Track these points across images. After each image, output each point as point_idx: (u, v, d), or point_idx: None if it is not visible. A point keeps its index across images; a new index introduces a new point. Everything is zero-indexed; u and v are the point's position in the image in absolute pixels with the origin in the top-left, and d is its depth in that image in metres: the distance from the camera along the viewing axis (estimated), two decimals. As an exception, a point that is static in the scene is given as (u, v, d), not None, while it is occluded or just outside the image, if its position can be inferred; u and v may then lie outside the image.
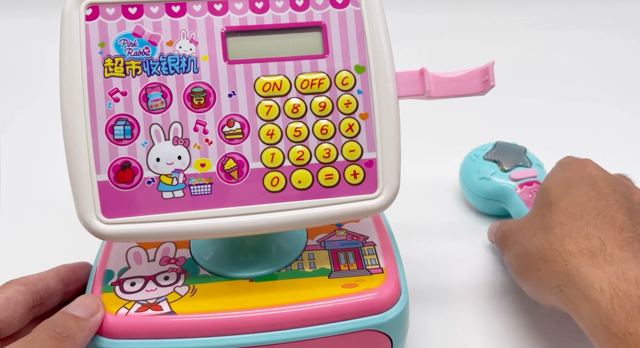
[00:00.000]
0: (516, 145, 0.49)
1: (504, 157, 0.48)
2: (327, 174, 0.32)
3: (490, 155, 0.48)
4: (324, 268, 0.34)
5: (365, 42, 0.32)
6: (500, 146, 0.49)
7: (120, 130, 0.30)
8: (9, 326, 0.30)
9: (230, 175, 0.31)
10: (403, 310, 0.33)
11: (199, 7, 0.31)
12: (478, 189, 0.47)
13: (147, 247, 0.36)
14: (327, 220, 0.32)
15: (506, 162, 0.47)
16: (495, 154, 0.48)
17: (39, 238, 0.48)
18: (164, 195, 0.31)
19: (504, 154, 0.48)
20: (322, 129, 0.31)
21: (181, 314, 0.31)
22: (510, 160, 0.47)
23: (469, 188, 0.48)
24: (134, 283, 0.33)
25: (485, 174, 0.47)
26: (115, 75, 0.30)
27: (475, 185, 0.47)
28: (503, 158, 0.48)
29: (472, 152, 0.50)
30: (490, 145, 0.50)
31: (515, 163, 0.47)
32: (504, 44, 0.76)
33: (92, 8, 0.30)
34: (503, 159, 0.47)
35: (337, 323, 0.31)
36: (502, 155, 0.48)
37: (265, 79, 0.31)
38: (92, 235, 0.31)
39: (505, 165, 0.47)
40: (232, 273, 0.34)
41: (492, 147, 0.49)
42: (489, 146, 0.50)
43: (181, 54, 0.31)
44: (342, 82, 0.32)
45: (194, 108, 0.31)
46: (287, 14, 0.32)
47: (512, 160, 0.47)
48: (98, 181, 0.30)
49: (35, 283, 0.32)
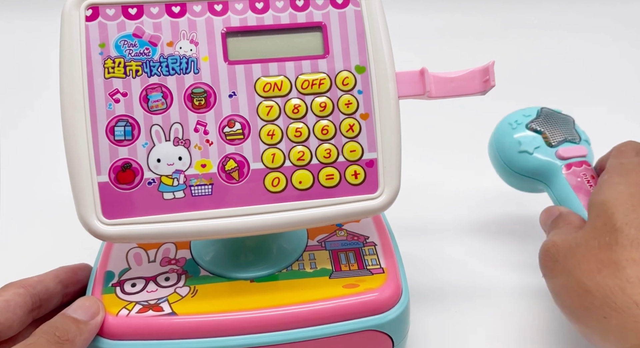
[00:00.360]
0: (562, 113, 0.41)
1: (552, 129, 0.40)
2: (327, 174, 0.32)
3: (536, 125, 0.40)
4: (325, 268, 0.34)
5: (366, 42, 0.32)
6: (546, 114, 0.41)
7: (120, 131, 0.30)
8: (8, 329, 0.30)
9: (231, 175, 0.31)
10: (404, 310, 0.33)
11: (199, 8, 0.31)
12: (515, 164, 0.40)
13: (147, 247, 0.36)
14: (328, 220, 0.32)
15: (554, 134, 0.40)
16: (541, 123, 0.40)
17: (39, 239, 0.48)
18: (165, 196, 0.30)
19: (551, 124, 0.40)
20: (322, 129, 0.31)
21: (182, 315, 0.31)
22: (559, 133, 0.40)
23: (504, 161, 0.41)
24: (134, 284, 0.33)
25: (527, 146, 0.39)
26: (116, 76, 0.30)
27: (513, 158, 0.40)
28: (550, 129, 0.40)
29: (511, 117, 0.42)
30: (534, 111, 0.41)
31: (564, 137, 0.40)
32: (505, 44, 0.76)
33: (92, 9, 0.30)
34: (550, 131, 0.40)
35: (338, 323, 0.31)
36: (549, 126, 0.40)
37: (265, 80, 0.31)
38: (92, 236, 0.30)
39: (552, 139, 0.39)
40: (233, 273, 0.34)
41: (536, 115, 0.41)
42: (533, 112, 0.41)
43: (181, 54, 0.31)
44: (342, 83, 0.32)
45: (195, 109, 0.31)
46: (288, 14, 0.32)
47: (561, 133, 0.40)
48: (98, 182, 0.30)
49: (35, 286, 0.32)
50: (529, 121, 0.41)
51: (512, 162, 0.40)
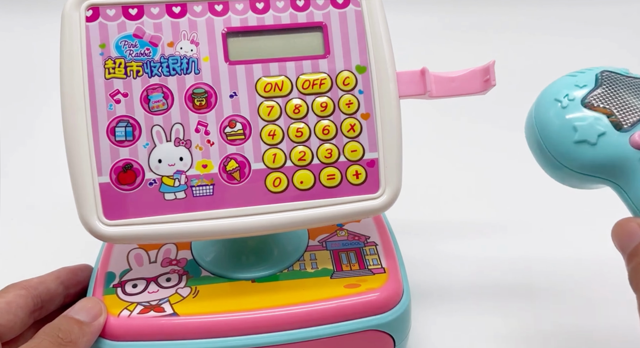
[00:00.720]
0: (631, 75, 0.29)
1: (621, 103, 0.28)
2: (329, 174, 0.32)
3: (597, 99, 0.28)
4: (326, 268, 0.34)
5: (366, 42, 0.32)
6: (609, 81, 0.28)
7: (121, 131, 0.30)
8: (10, 330, 0.30)
9: (232, 176, 0.31)
10: (405, 310, 0.33)
11: (199, 8, 0.31)
12: (571, 159, 0.28)
13: (148, 248, 0.36)
14: (329, 220, 0.32)
15: (625, 111, 0.27)
16: (604, 95, 0.28)
17: (40, 240, 0.48)
18: (166, 197, 0.30)
19: (619, 95, 0.28)
20: (323, 129, 0.31)
21: (184, 316, 0.31)
22: (633, 109, 0.27)
23: (553, 154, 0.28)
24: (135, 285, 0.33)
25: (588, 134, 0.27)
26: (116, 76, 0.30)
27: (567, 151, 0.28)
28: (619, 104, 0.28)
29: (557, 87, 0.29)
30: (591, 76, 0.29)
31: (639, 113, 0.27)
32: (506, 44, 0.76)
33: (92, 9, 0.30)
34: (619, 106, 0.28)
35: (340, 323, 0.31)
36: (617, 99, 0.28)
37: (266, 80, 0.31)
38: (94, 237, 0.30)
39: (624, 119, 0.27)
40: (234, 274, 0.34)
41: (595, 83, 0.28)
42: (590, 78, 0.29)
43: (182, 54, 0.31)
44: (343, 82, 0.32)
45: (196, 109, 0.31)
46: (288, 14, 0.32)
47: (634, 108, 0.27)
48: (100, 183, 0.30)
49: (36, 287, 0.32)
50: (586, 94, 0.28)
51: (565, 157, 0.28)
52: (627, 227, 0.26)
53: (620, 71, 0.29)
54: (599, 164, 0.28)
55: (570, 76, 0.29)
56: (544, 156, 0.29)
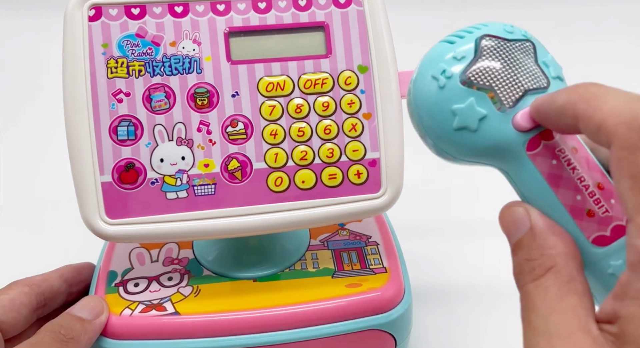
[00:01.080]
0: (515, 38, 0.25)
1: (503, 77, 0.23)
2: (330, 173, 0.32)
3: (476, 74, 0.24)
4: (328, 268, 0.34)
5: (368, 41, 0.32)
6: (490, 50, 0.24)
7: (123, 130, 0.30)
8: (13, 328, 0.30)
9: (234, 175, 0.31)
10: (407, 310, 0.33)
11: (201, 8, 0.31)
12: (454, 147, 0.25)
13: (150, 247, 0.36)
14: (331, 220, 0.32)
15: (507, 87, 0.23)
16: (484, 70, 0.24)
17: (43, 239, 0.48)
18: (168, 196, 0.31)
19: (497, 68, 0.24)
20: (325, 128, 0.31)
21: (185, 315, 0.31)
22: (515, 83, 0.23)
23: (436, 141, 0.25)
24: (137, 284, 0.33)
25: (468, 119, 0.24)
26: (119, 76, 0.30)
27: (450, 139, 0.24)
28: (501, 79, 0.23)
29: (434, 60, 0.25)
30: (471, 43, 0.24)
31: (523, 88, 0.23)
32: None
33: (94, 9, 0.30)
34: (501, 82, 0.23)
35: (341, 323, 0.31)
36: (499, 73, 0.24)
37: (268, 79, 0.31)
38: (96, 236, 0.31)
39: (505, 97, 0.23)
40: (236, 273, 0.34)
41: (474, 53, 0.24)
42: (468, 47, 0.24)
43: (184, 54, 0.31)
44: (345, 82, 0.32)
45: (198, 108, 0.31)
46: (290, 14, 0.32)
47: (518, 82, 0.24)
48: (102, 182, 0.30)
49: (40, 284, 0.32)
50: (464, 68, 0.24)
51: (447, 145, 0.25)
52: (514, 213, 0.23)
53: (503, 32, 0.24)
54: (482, 151, 0.24)
55: (449, 43, 0.25)
56: (425, 142, 0.26)
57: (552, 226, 0.22)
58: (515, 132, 0.23)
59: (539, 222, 0.22)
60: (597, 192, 0.22)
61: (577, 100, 0.20)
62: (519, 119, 0.23)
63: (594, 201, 0.22)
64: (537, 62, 0.24)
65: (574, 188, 0.23)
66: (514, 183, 0.25)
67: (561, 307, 0.20)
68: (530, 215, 0.22)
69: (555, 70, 0.25)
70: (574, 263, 0.21)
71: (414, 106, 0.25)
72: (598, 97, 0.19)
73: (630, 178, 0.17)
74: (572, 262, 0.21)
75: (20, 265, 0.39)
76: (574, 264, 0.21)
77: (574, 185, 0.23)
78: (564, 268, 0.20)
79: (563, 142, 0.23)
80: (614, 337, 0.18)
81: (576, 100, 0.20)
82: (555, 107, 0.21)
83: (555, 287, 0.20)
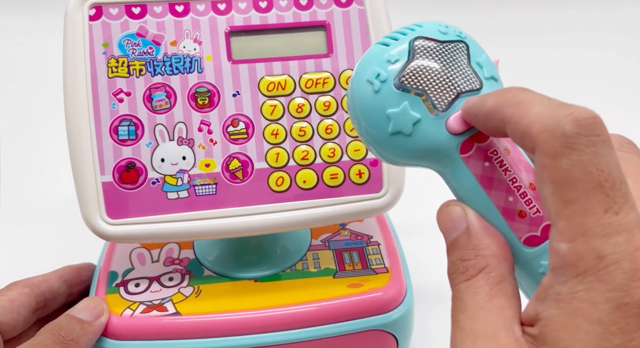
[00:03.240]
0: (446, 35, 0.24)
1: (436, 79, 0.24)
2: (332, 173, 0.31)
3: (409, 78, 0.23)
4: (329, 268, 0.34)
5: (370, 41, 0.32)
6: (423, 51, 0.24)
7: (124, 130, 0.30)
8: (12, 329, 0.30)
9: (235, 175, 0.31)
10: (408, 310, 0.33)
11: (202, 7, 0.31)
12: (389, 151, 0.25)
13: (150, 247, 0.36)
14: (332, 219, 0.31)
15: (440, 90, 0.23)
16: (417, 72, 0.23)
17: (43, 239, 0.48)
18: (169, 196, 0.30)
19: (430, 70, 0.24)
20: (326, 128, 0.31)
21: (186, 315, 0.31)
22: (445, 86, 0.24)
23: (373, 144, 0.25)
24: (138, 284, 0.33)
25: (402, 124, 0.23)
26: (119, 75, 0.30)
27: (386, 143, 0.24)
28: (434, 82, 0.24)
29: (369, 63, 0.24)
30: (405, 45, 0.24)
31: (456, 90, 0.23)
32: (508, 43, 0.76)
33: (95, 8, 0.30)
34: (434, 85, 0.23)
35: (343, 323, 0.31)
36: (432, 75, 0.23)
37: (269, 79, 0.31)
38: (96, 236, 0.30)
39: (438, 100, 0.23)
40: (237, 273, 0.34)
41: (408, 55, 0.24)
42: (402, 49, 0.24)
43: (185, 53, 0.31)
44: (346, 82, 0.32)
45: (199, 108, 0.31)
46: (291, 13, 0.31)
47: (451, 84, 0.24)
48: (102, 182, 0.30)
49: (39, 285, 0.32)
50: (399, 72, 0.23)
51: (384, 149, 0.25)
52: (451, 211, 0.23)
53: (438, 33, 0.24)
54: (417, 154, 0.24)
55: (383, 45, 0.24)
56: (365, 144, 0.25)
57: (486, 227, 0.22)
58: (449, 135, 0.23)
59: (474, 222, 0.22)
60: (529, 192, 0.22)
61: (505, 104, 0.20)
62: (451, 122, 0.23)
63: (526, 202, 0.22)
64: (470, 63, 0.24)
65: (506, 189, 0.23)
66: (450, 184, 0.25)
67: (489, 306, 0.20)
68: (467, 215, 0.22)
69: (489, 70, 0.25)
70: (505, 265, 0.21)
71: (352, 110, 0.25)
72: (525, 102, 0.19)
73: (552, 184, 0.18)
74: (503, 263, 0.21)
75: (20, 266, 0.39)
76: (505, 265, 0.21)
77: (506, 186, 0.23)
78: (496, 269, 0.21)
79: (495, 144, 0.23)
80: (532, 339, 0.18)
81: (504, 104, 0.20)
82: (484, 110, 0.21)
83: (486, 288, 0.20)
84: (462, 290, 0.21)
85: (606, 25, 0.82)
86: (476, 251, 0.21)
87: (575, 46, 0.77)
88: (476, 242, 0.21)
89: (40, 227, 0.49)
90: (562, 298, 0.18)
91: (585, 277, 0.17)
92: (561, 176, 0.17)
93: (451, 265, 0.22)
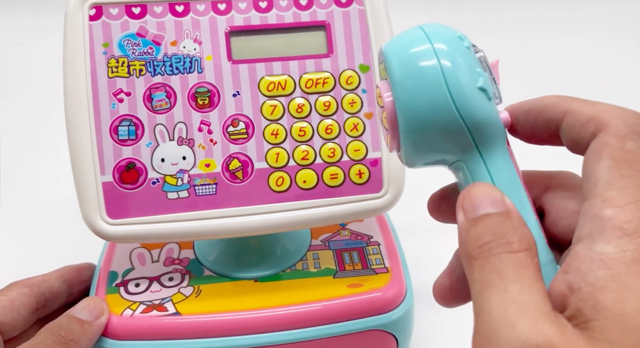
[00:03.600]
0: None
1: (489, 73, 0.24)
2: (332, 173, 0.31)
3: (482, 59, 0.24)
4: (329, 268, 0.34)
5: (370, 41, 0.32)
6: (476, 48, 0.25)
7: (124, 130, 0.30)
8: (12, 329, 0.30)
9: (235, 175, 0.31)
10: (408, 310, 0.33)
11: (202, 7, 0.31)
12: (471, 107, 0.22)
13: (150, 247, 0.36)
14: (332, 219, 0.31)
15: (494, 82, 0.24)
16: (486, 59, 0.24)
17: (43, 239, 0.48)
18: (169, 196, 0.30)
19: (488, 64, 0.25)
20: (326, 128, 0.31)
21: (186, 315, 0.31)
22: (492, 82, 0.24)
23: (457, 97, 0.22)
24: (138, 284, 0.33)
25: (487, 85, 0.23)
26: (119, 75, 0.30)
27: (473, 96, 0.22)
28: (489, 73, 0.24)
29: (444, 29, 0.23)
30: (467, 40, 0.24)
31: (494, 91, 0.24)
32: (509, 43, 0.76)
33: (95, 8, 0.30)
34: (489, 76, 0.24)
35: (343, 323, 0.31)
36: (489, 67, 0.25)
37: (269, 79, 0.31)
38: (96, 236, 0.30)
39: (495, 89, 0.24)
40: (237, 273, 0.34)
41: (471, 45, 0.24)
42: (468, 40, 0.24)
43: (185, 53, 0.31)
44: (346, 82, 0.32)
45: (199, 108, 0.31)
46: (291, 13, 0.31)
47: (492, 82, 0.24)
48: (103, 182, 0.30)
49: (39, 285, 0.32)
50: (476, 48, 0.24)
51: (467, 103, 0.22)
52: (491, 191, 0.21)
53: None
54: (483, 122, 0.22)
55: None
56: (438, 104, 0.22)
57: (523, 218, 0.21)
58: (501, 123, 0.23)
59: (514, 209, 0.21)
60: None
61: (569, 100, 0.22)
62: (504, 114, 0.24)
63: None
64: None
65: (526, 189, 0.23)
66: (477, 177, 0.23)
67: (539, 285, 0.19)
68: (506, 200, 0.21)
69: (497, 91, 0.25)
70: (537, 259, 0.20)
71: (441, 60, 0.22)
72: (586, 100, 0.22)
73: (612, 159, 0.19)
74: (537, 257, 0.20)
75: (20, 266, 0.39)
76: (537, 260, 0.20)
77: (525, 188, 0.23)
78: (536, 256, 0.20)
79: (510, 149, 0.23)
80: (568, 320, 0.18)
81: (568, 99, 0.22)
82: (543, 103, 0.23)
83: (532, 267, 0.19)
84: (504, 260, 0.19)
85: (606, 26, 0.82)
86: (520, 231, 0.20)
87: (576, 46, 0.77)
88: (519, 224, 0.20)
89: (41, 227, 0.49)
90: (608, 258, 0.18)
91: (633, 237, 0.18)
92: (623, 154, 0.19)
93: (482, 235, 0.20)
